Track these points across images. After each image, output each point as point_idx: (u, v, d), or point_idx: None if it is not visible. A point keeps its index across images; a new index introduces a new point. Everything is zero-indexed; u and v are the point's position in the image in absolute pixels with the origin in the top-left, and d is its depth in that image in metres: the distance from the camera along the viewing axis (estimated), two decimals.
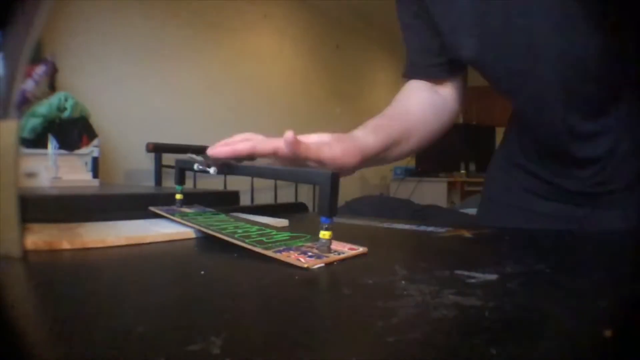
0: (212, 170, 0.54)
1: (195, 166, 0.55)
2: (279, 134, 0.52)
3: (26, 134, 1.20)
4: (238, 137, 0.58)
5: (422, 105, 0.78)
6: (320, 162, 0.56)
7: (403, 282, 0.34)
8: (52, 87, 1.45)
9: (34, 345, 0.22)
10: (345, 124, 0.87)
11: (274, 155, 0.55)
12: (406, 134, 0.73)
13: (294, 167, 0.54)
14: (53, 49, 1.72)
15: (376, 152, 0.67)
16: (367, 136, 0.66)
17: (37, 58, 1.45)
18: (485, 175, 0.95)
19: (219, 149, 0.55)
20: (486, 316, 0.26)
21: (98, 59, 2.18)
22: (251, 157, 0.56)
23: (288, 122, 3.38)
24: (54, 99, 1.30)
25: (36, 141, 1.21)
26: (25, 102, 1.23)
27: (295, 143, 0.52)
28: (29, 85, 1.25)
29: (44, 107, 1.25)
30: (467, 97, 0.84)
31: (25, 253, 0.39)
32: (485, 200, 0.93)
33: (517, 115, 0.80)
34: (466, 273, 0.36)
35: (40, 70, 1.33)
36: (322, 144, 0.58)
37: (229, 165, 0.55)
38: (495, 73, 0.71)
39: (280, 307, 0.29)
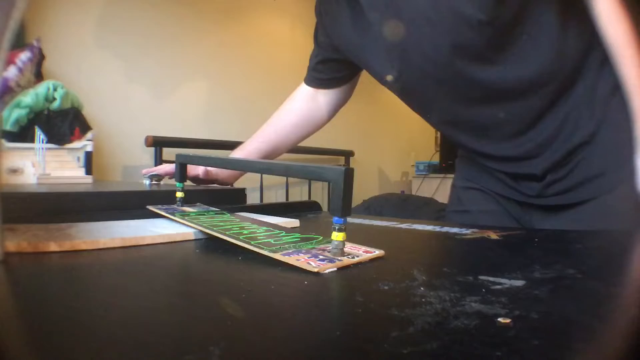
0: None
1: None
2: None
3: (9, 127, 1.22)
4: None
5: (296, 117, 1.10)
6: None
7: (422, 288, 0.34)
8: (39, 76, 1.46)
9: None
10: (361, 115, 0.86)
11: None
12: (274, 150, 1.10)
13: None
14: (39, 33, 1.71)
15: None
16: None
17: (20, 43, 1.47)
18: None
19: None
20: (511, 326, 0.26)
21: (91, 44, 2.18)
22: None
23: None
24: (42, 89, 1.31)
25: (21, 134, 1.23)
26: (8, 92, 1.24)
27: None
28: (11, 73, 1.27)
29: (29, 98, 1.27)
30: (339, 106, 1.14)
31: (7, 256, 0.39)
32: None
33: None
34: (491, 279, 0.36)
35: (24, 56, 1.34)
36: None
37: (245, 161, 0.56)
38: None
39: (286, 315, 0.29)
